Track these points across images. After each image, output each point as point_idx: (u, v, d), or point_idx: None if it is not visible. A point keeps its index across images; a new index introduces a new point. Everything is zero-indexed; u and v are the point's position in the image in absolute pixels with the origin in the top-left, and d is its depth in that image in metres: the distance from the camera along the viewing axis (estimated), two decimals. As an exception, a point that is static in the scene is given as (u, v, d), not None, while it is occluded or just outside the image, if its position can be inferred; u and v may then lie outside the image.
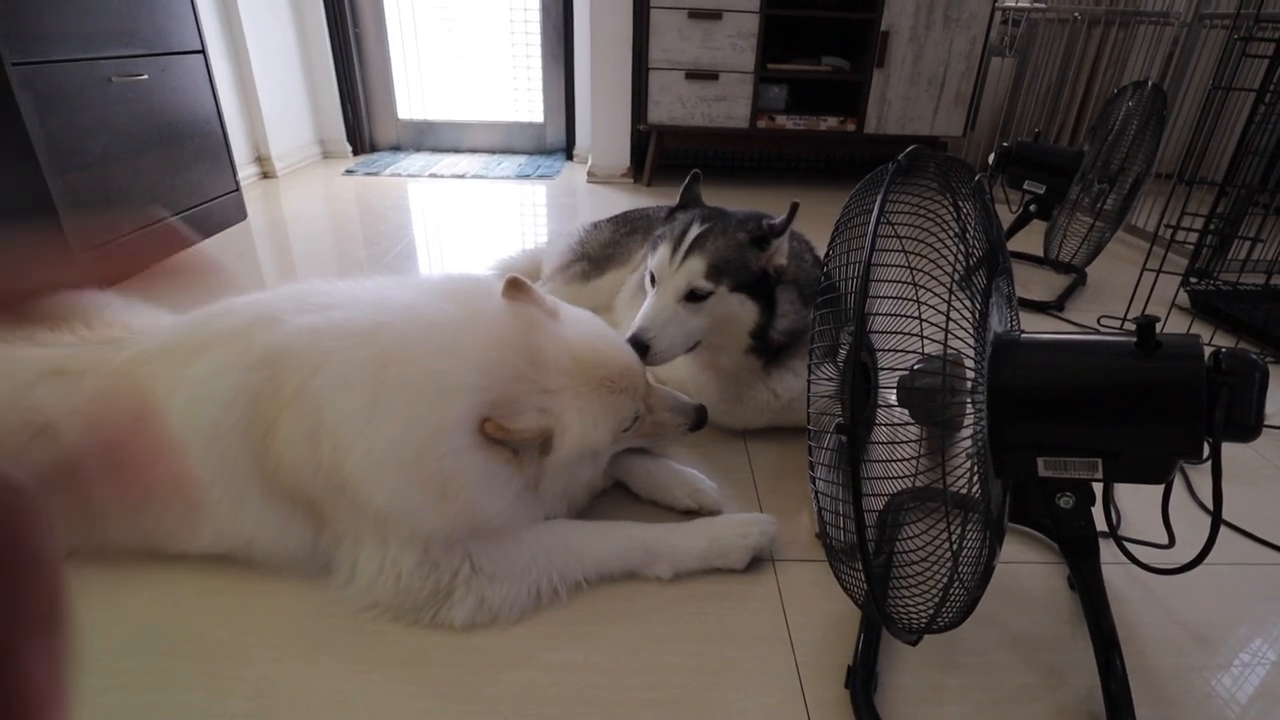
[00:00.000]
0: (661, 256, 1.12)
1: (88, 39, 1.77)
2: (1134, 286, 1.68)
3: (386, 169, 3.23)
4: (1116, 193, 1.91)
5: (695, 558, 0.94)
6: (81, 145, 1.75)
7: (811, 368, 0.79)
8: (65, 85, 1.70)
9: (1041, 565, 0.98)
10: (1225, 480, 1.15)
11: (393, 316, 0.85)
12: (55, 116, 1.67)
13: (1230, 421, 0.61)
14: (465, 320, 0.85)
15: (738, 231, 1.11)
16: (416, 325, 0.84)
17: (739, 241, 1.10)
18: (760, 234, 1.10)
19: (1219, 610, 0.92)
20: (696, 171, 1.27)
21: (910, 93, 2.84)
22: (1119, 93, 1.92)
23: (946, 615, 0.70)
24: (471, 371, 0.81)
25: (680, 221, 1.15)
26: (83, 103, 1.76)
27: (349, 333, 0.83)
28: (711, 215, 1.15)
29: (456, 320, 0.85)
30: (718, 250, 1.09)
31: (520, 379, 0.84)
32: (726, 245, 1.09)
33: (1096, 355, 0.67)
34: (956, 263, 0.66)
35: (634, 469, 1.10)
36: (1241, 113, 1.62)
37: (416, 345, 0.82)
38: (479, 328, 0.85)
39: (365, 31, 3.42)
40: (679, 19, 2.70)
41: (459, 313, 0.86)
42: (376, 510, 0.80)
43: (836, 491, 0.68)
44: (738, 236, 1.10)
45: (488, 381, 0.82)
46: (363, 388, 0.80)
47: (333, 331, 0.84)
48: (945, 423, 0.68)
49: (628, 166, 3.17)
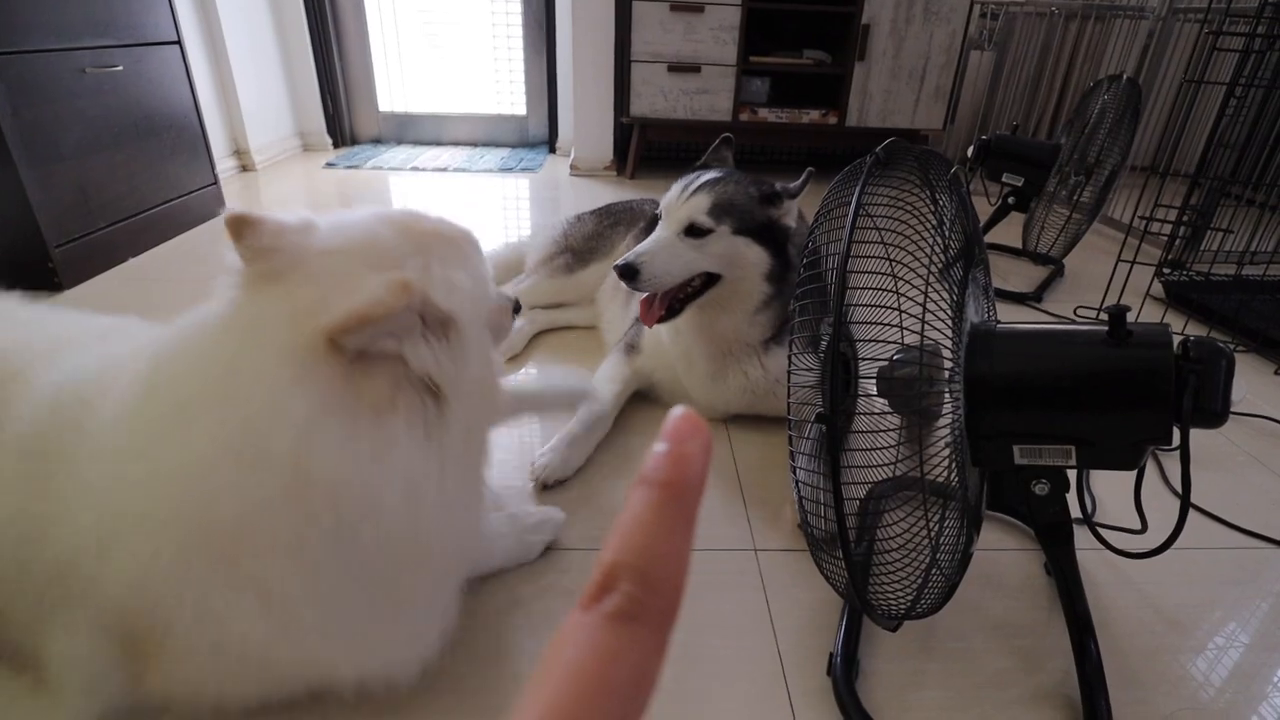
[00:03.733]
0: (671, 193, 1.15)
1: (61, 29, 1.73)
2: (1109, 277, 1.71)
3: (368, 162, 3.20)
4: (1093, 185, 1.94)
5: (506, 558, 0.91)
6: (56, 138, 1.72)
7: (792, 358, 0.80)
8: (38, 76, 1.67)
9: (1019, 552, 1.00)
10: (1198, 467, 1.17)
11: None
12: (28, 108, 1.63)
13: (1198, 408, 0.62)
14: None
15: (750, 185, 1.13)
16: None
17: (749, 192, 1.12)
18: (773, 192, 1.12)
19: (1191, 594, 0.94)
20: (728, 135, 1.29)
21: (891, 86, 2.85)
22: (1095, 86, 1.94)
23: (926, 602, 0.71)
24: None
25: (698, 172, 1.18)
26: (56, 94, 1.72)
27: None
28: (730, 171, 1.18)
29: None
30: (725, 193, 1.11)
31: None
32: (735, 191, 1.12)
33: (1070, 344, 0.68)
34: (934, 255, 0.67)
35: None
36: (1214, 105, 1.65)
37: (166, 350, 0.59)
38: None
39: (344, 22, 3.38)
40: (661, 11, 2.69)
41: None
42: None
43: (817, 481, 0.69)
44: (749, 188, 1.13)
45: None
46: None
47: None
48: (923, 412, 0.69)
49: (611, 159, 3.17)
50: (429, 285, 0.57)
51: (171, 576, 0.54)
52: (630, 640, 0.14)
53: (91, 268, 1.84)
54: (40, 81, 1.67)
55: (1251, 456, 1.25)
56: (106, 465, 0.57)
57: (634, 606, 0.14)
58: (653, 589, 0.14)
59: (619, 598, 0.14)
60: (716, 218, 1.10)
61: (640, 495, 0.15)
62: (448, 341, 0.58)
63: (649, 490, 0.15)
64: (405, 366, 0.56)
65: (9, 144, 1.58)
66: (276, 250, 0.56)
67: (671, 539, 0.15)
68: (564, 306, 1.63)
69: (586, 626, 0.14)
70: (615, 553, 0.15)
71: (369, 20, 3.37)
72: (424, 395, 0.58)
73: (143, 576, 0.55)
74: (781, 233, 1.14)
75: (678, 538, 0.15)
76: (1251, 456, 1.25)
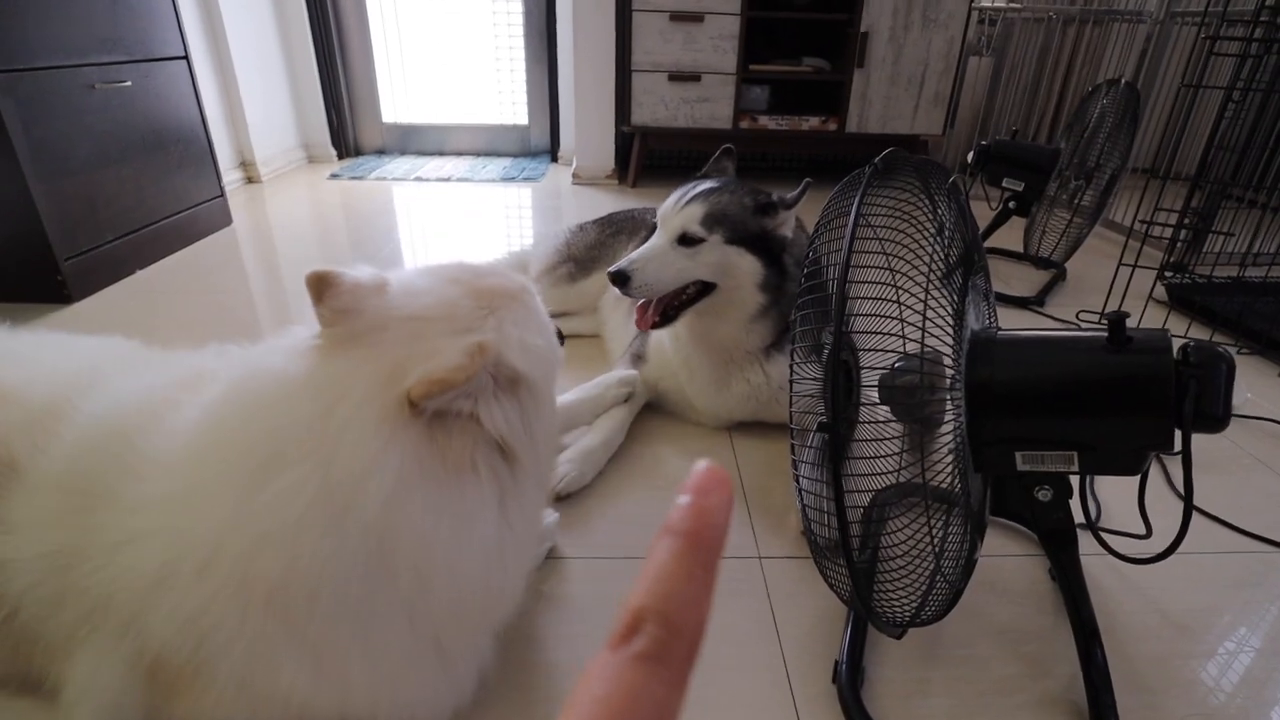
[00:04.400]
0: (668, 202, 1.16)
1: (71, 46, 1.76)
2: (1111, 281, 1.71)
3: (372, 173, 3.22)
4: (1093, 189, 1.94)
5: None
6: (65, 152, 1.74)
7: (794, 366, 0.81)
8: (49, 93, 1.69)
9: (1024, 558, 1.00)
10: (1203, 471, 1.18)
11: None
12: (39, 124, 1.65)
13: (1199, 413, 0.62)
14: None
15: (745, 195, 1.14)
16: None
17: (742, 202, 1.13)
18: (767, 201, 1.13)
19: (1198, 598, 0.94)
20: (729, 146, 1.30)
21: (891, 92, 2.87)
22: (1093, 90, 1.95)
23: (930, 609, 0.72)
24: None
25: (697, 180, 1.19)
26: (66, 110, 1.74)
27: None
28: (728, 181, 1.19)
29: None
30: (718, 203, 1.12)
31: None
32: (729, 201, 1.13)
33: (1070, 350, 0.68)
34: (934, 262, 0.68)
35: None
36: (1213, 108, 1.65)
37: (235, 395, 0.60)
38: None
39: (348, 35, 3.41)
40: (661, 21, 2.71)
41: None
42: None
43: (820, 489, 0.70)
44: (744, 199, 1.13)
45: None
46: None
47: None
48: (925, 419, 0.69)
49: (612, 168, 3.18)
50: (503, 346, 0.59)
51: (227, 625, 0.54)
52: (654, 680, 0.15)
53: (100, 280, 1.86)
54: (51, 98, 1.70)
55: (1256, 459, 1.25)
56: (166, 510, 0.57)
57: (658, 648, 0.15)
58: (676, 632, 0.15)
59: (644, 640, 0.15)
60: (709, 227, 1.11)
61: (665, 544, 0.17)
62: (518, 399, 0.60)
63: (673, 540, 0.17)
64: (480, 427, 0.57)
65: (20, 159, 1.60)
66: (355, 312, 0.58)
67: (693, 585, 0.16)
68: (567, 315, 1.64)
69: (614, 665, 0.15)
70: (641, 598, 0.16)
71: (373, 32, 3.41)
72: (499, 455, 0.59)
73: (195, 621, 0.54)
74: (777, 243, 1.14)
75: (699, 585, 0.16)
76: (1256, 459, 1.25)
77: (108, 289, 1.87)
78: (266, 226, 2.48)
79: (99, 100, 1.85)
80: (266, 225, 2.49)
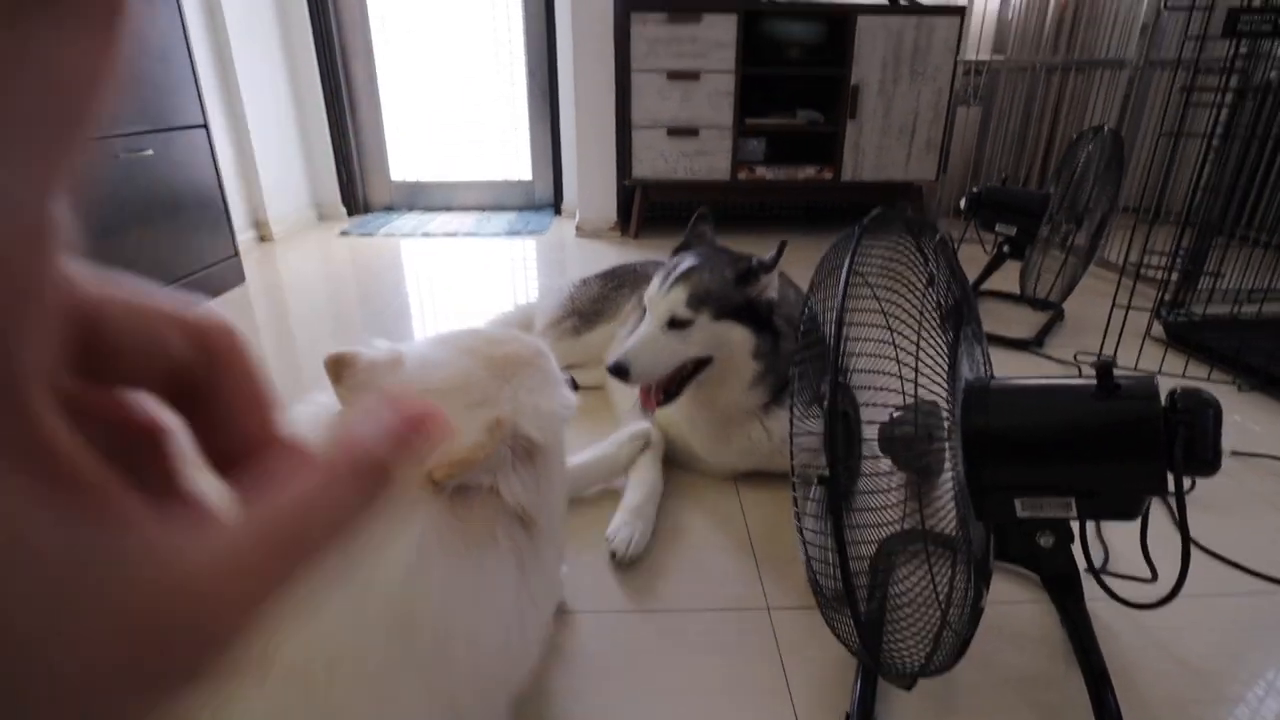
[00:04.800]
0: (653, 287, 1.20)
1: (93, 120, 1.84)
2: (1107, 320, 1.74)
3: (380, 229, 3.31)
4: (1085, 230, 1.98)
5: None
6: (87, 219, 1.79)
7: (794, 419, 0.83)
8: (70, 165, 1.76)
9: (1033, 604, 1.00)
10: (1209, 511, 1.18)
11: None
12: (60, 195, 1.72)
13: (1189, 457, 0.64)
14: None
15: (725, 268, 1.17)
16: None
17: (723, 276, 1.16)
18: (747, 269, 1.16)
19: (1210, 641, 0.94)
20: (703, 210, 1.34)
21: (883, 142, 2.95)
22: (1079, 138, 2.01)
23: (939, 658, 0.72)
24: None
25: (679, 258, 1.22)
26: (92, 179, 1.81)
27: None
28: (709, 254, 1.22)
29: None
30: (700, 282, 1.15)
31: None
32: (710, 278, 1.16)
33: (1060, 398, 0.71)
34: (925, 315, 0.71)
35: None
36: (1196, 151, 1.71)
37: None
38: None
39: (359, 96, 3.54)
40: (659, 80, 2.82)
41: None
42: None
43: (824, 540, 0.71)
44: (724, 272, 1.16)
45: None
46: None
47: None
48: (925, 468, 0.71)
49: (614, 220, 3.26)
50: (519, 417, 0.60)
51: (245, 694, 0.53)
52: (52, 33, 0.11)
53: (116, 343, 1.90)
54: (73, 169, 1.77)
55: (1261, 498, 1.25)
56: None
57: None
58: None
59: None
60: (695, 307, 1.14)
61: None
62: (534, 467, 0.62)
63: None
64: (500, 499, 0.59)
65: (42, 228, 1.66)
66: (372, 389, 0.60)
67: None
68: (572, 368, 1.67)
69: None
70: None
71: (382, 93, 3.54)
72: (518, 523, 0.61)
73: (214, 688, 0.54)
74: (764, 307, 1.17)
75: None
76: (1261, 498, 1.25)
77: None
78: (278, 284, 2.54)
79: (123, 168, 1.93)
80: (278, 283, 2.56)
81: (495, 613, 0.59)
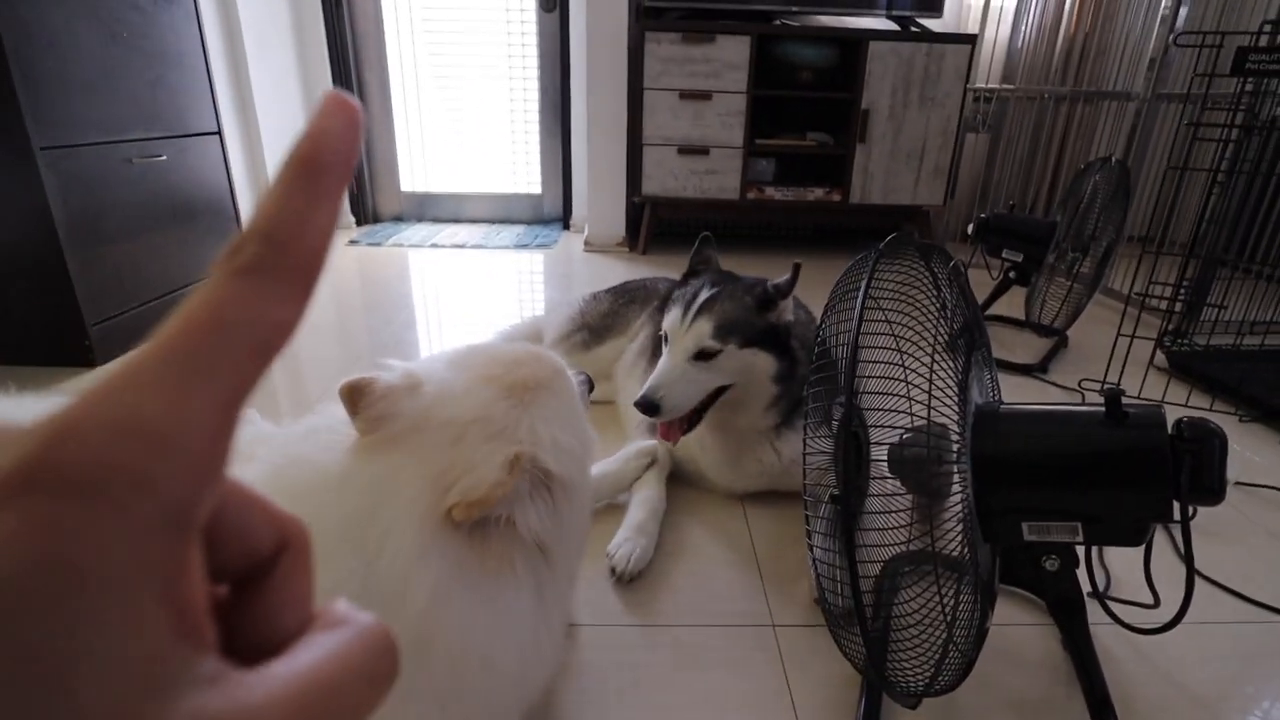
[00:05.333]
0: (673, 318, 1.19)
1: (112, 124, 1.87)
2: (1111, 349, 1.75)
3: (389, 239, 3.33)
4: (1091, 259, 2.00)
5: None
6: (100, 223, 1.82)
7: (807, 441, 0.84)
8: (89, 167, 1.79)
9: (1038, 627, 1.00)
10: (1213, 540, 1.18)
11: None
12: (77, 197, 1.74)
13: (1195, 486, 0.65)
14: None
15: (745, 295, 1.18)
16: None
17: (745, 304, 1.17)
18: (767, 296, 1.17)
19: (1211, 669, 0.94)
20: (707, 234, 1.35)
21: (892, 165, 2.98)
22: (1086, 168, 2.04)
23: (944, 678, 0.73)
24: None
25: (693, 286, 1.22)
26: (104, 183, 1.84)
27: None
28: (721, 280, 1.22)
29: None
30: (725, 312, 1.16)
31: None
32: (734, 307, 1.16)
33: (1070, 425, 0.72)
34: (937, 340, 0.72)
35: None
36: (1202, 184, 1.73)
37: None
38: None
39: (371, 106, 3.58)
40: (671, 99, 2.85)
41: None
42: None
43: (833, 558, 0.72)
44: (744, 299, 1.17)
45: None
46: None
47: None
48: (934, 490, 0.72)
49: (623, 236, 3.29)
50: (537, 449, 0.61)
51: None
52: (251, 289, 0.15)
53: (125, 345, 1.92)
54: (90, 172, 1.79)
55: (1263, 528, 1.26)
56: None
57: (257, 261, 0.15)
58: (279, 248, 0.15)
59: (242, 256, 0.15)
60: (722, 338, 1.15)
61: (280, 173, 0.17)
62: (552, 497, 0.62)
63: (287, 167, 0.17)
64: (517, 530, 0.60)
65: (57, 229, 1.68)
66: (391, 417, 0.60)
67: (306, 206, 0.16)
68: (580, 381, 1.68)
69: (209, 282, 0.15)
70: (249, 224, 0.16)
71: (394, 105, 3.58)
72: (536, 551, 0.61)
73: None
74: (784, 331, 1.19)
75: (314, 206, 0.16)
76: (1263, 528, 1.26)
77: (130, 353, 1.92)
78: (287, 290, 2.55)
79: (135, 173, 1.95)
80: (287, 289, 2.57)
81: (512, 639, 0.59)
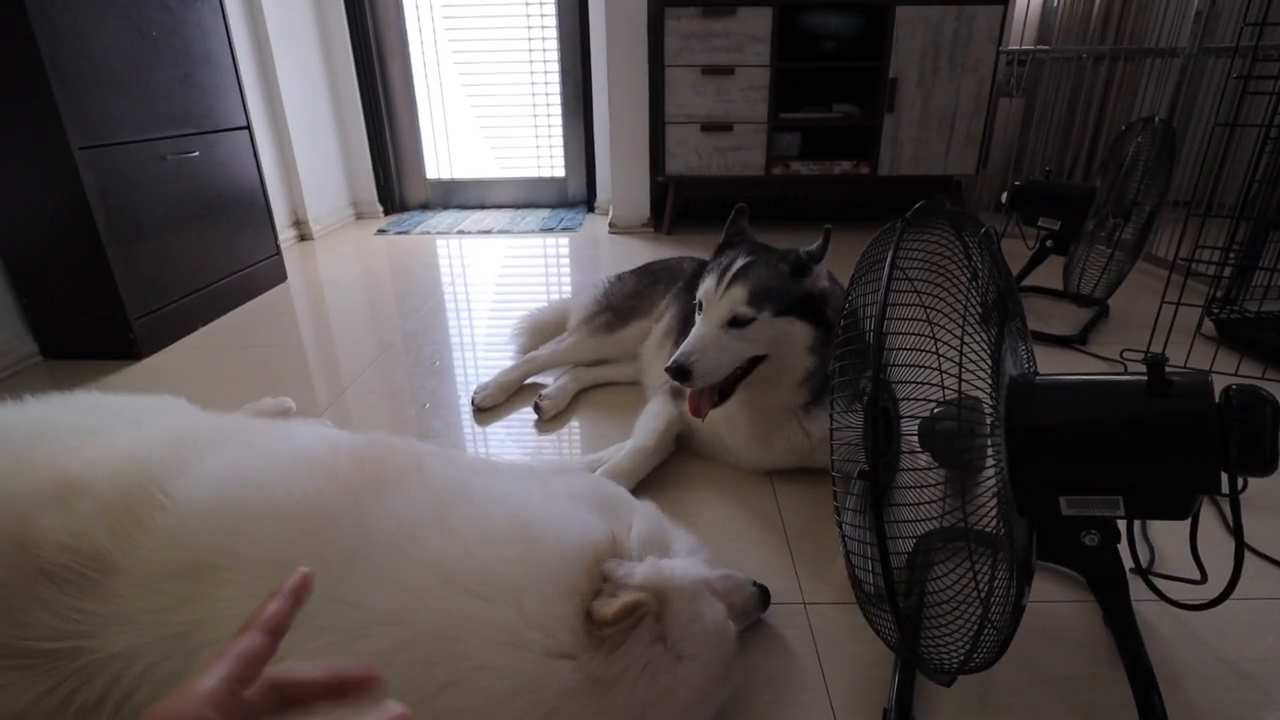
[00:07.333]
0: (709, 285, 1.18)
1: (147, 122, 1.91)
2: (1155, 317, 1.69)
3: (416, 227, 3.36)
4: (1133, 224, 1.93)
5: None
6: (139, 219, 1.87)
7: (834, 415, 0.83)
8: (125, 165, 1.83)
9: (1077, 604, 0.98)
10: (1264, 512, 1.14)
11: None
12: (116, 194, 1.79)
13: (1245, 456, 0.62)
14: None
15: (779, 262, 1.16)
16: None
17: (780, 271, 1.15)
18: (800, 262, 1.15)
19: (1262, 645, 0.91)
20: (742, 205, 1.33)
21: (921, 135, 2.90)
22: (1128, 128, 1.95)
23: (979, 656, 0.71)
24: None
25: (728, 256, 1.21)
26: (140, 180, 1.88)
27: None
28: (756, 250, 1.21)
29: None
30: (759, 279, 1.14)
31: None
32: (768, 274, 1.15)
33: (1110, 395, 0.69)
34: (969, 311, 0.70)
35: None
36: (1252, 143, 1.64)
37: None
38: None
39: (395, 97, 3.60)
40: (693, 75, 2.81)
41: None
42: None
43: (863, 536, 0.71)
44: (779, 266, 1.16)
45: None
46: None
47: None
48: (966, 465, 0.70)
49: (648, 216, 3.26)
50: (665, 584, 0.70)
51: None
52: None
53: (167, 337, 1.98)
54: (127, 169, 1.84)
55: (1320, 500, 1.21)
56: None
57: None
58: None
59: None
60: (757, 305, 1.13)
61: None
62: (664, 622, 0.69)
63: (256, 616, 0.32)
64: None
65: (98, 226, 1.73)
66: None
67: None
68: (606, 363, 1.68)
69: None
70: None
71: (417, 93, 3.59)
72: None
73: None
74: (820, 299, 1.16)
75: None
76: (1320, 500, 1.21)
77: (174, 345, 1.98)
78: (318, 282, 2.60)
79: (170, 170, 1.99)
80: (318, 281, 2.62)
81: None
